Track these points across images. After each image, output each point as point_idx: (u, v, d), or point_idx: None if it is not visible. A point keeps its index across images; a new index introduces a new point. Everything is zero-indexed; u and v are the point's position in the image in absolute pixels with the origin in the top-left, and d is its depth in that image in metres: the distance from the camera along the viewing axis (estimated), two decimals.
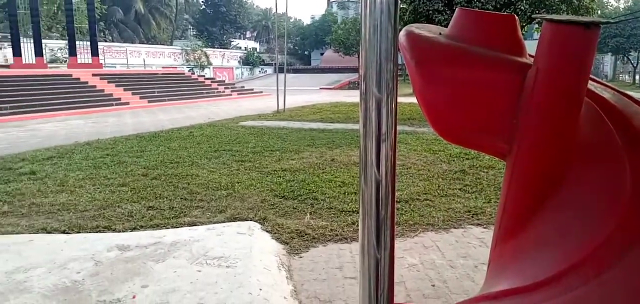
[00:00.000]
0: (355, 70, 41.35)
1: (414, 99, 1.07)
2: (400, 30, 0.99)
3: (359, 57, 0.91)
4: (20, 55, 22.29)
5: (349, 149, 8.54)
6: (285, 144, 9.21)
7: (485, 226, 4.53)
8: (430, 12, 17.12)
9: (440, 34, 0.96)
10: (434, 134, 8.77)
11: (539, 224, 0.83)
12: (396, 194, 0.95)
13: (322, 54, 56.85)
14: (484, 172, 6.56)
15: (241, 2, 62.51)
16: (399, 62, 0.96)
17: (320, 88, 35.38)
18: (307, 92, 29.90)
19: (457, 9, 0.98)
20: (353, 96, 24.24)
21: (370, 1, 0.90)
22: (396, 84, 0.94)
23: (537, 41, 0.84)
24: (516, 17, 0.94)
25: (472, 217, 4.77)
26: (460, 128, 0.94)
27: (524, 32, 18.70)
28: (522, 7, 16.88)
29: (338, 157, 7.79)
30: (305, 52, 62.09)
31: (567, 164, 0.82)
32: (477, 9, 0.98)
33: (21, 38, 22.37)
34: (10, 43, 23.23)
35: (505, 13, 0.98)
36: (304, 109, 17.40)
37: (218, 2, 57.65)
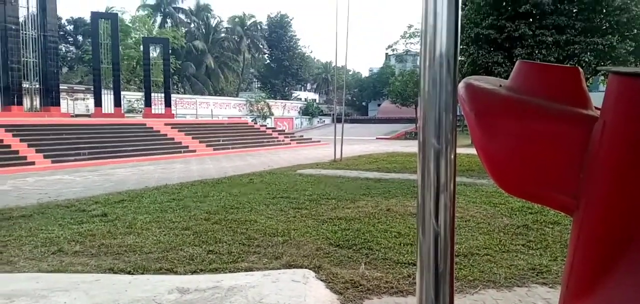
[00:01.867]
0: (411, 120, 41.07)
1: (472, 150, 1.06)
2: (459, 82, 1.00)
3: (416, 108, 0.93)
4: (101, 106, 24.22)
5: (405, 200, 8.40)
6: (341, 193, 9.21)
7: (551, 285, 4.24)
8: (490, 64, 16.87)
9: (500, 86, 0.96)
10: (494, 187, 8.44)
11: (610, 287, 0.78)
12: (455, 247, 0.93)
13: (379, 104, 57.16)
14: (549, 227, 6.20)
15: (303, 56, 64.68)
16: (458, 113, 0.97)
17: (377, 138, 35.36)
18: (364, 142, 29.97)
19: (517, 61, 0.98)
20: (409, 146, 24.00)
21: (429, 55, 0.92)
22: (455, 135, 0.94)
23: (603, 93, 0.82)
24: (580, 70, 0.92)
25: (537, 275, 4.48)
26: (523, 182, 0.91)
27: (589, 84, 17.92)
28: (587, 59, 16.24)
29: (394, 207, 7.67)
30: (363, 103, 62.71)
31: (638, 222, 0.77)
32: (538, 62, 0.97)
33: (103, 90, 24.38)
34: (92, 94, 25.36)
35: (568, 65, 0.96)
36: (360, 159, 17.42)
37: (282, 57, 60.01)
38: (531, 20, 16.80)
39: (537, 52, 16.47)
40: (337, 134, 17.43)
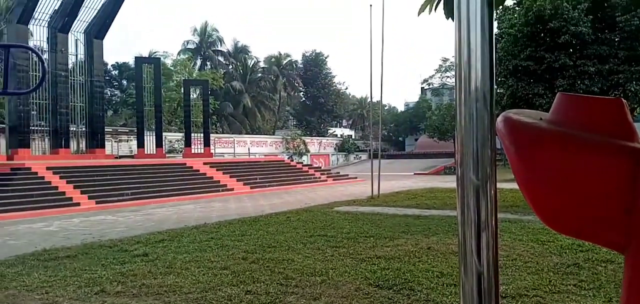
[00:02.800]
0: (450, 155, 40.38)
1: (516, 185, 1.02)
2: (497, 116, 0.97)
3: (454, 142, 0.90)
4: (143, 147, 25.09)
5: (447, 238, 8.17)
6: (380, 231, 9.07)
7: None
8: (531, 96, 16.50)
9: (541, 119, 0.93)
10: (541, 223, 8.11)
11: None
12: (500, 288, 0.88)
13: (416, 139, 56.62)
14: (601, 266, 5.86)
15: (338, 92, 65.28)
16: (497, 146, 0.94)
17: (415, 173, 34.88)
18: (402, 177, 29.63)
19: (558, 93, 0.94)
20: (449, 182, 23.51)
21: (464, 89, 0.90)
22: (495, 170, 0.91)
23: None
24: (624, 101, 0.87)
25: None
26: (568, 218, 0.87)
27: (635, 116, 17.18)
28: (633, 88, 15.65)
29: (435, 246, 7.47)
30: (400, 138, 62.30)
31: None
32: (580, 93, 0.94)
33: (145, 131, 25.31)
34: (136, 136, 26.37)
35: (612, 96, 0.92)
36: (398, 195, 17.18)
37: (317, 94, 60.79)
38: (571, 50, 16.42)
39: (579, 82, 16.01)
40: (373, 170, 17.33)
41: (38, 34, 21.75)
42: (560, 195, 0.85)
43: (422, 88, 59.36)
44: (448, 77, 39.65)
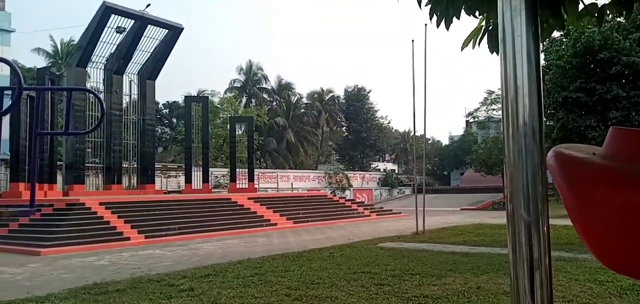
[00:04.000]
0: (498, 189, 39.01)
1: (570, 221, 0.97)
2: (547, 150, 0.94)
3: (503, 177, 0.89)
4: (191, 182, 25.83)
5: (498, 277, 7.83)
6: (426, 268, 8.82)
7: None
8: (582, 128, 15.88)
9: (593, 153, 0.89)
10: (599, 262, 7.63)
11: None
12: None
13: (462, 173, 55.26)
14: None
15: (381, 127, 65.11)
16: (549, 181, 0.91)
17: (461, 208, 33.92)
18: (447, 213, 28.86)
19: (611, 127, 0.91)
20: (498, 217, 22.67)
21: (512, 123, 0.88)
22: (546, 206, 0.88)
23: None
24: None
25: None
26: (626, 257, 0.82)
27: None
28: None
29: (485, 285, 7.18)
30: (444, 172, 61.01)
31: None
32: (635, 128, 0.90)
33: (193, 167, 26.11)
34: (184, 172, 27.24)
35: None
36: (444, 231, 16.72)
37: (359, 129, 60.86)
38: (624, 81, 15.75)
39: (634, 114, 15.28)
40: (418, 205, 17.00)
41: (95, 76, 23.19)
42: (617, 233, 0.81)
43: (466, 121, 58.33)
44: (494, 109, 38.72)
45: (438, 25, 2.34)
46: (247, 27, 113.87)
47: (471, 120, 53.38)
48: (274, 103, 54.97)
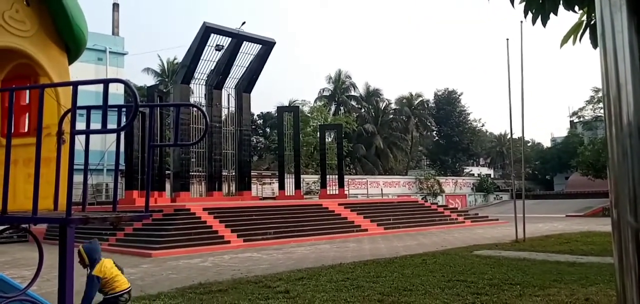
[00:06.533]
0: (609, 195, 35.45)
1: None
2: None
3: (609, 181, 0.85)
4: (284, 189, 26.77)
5: (609, 288, 7.15)
6: (527, 278, 8.30)
7: None
8: None
9: None
10: None
11: None
12: None
13: (566, 177, 51.05)
14: None
15: (474, 130, 62.46)
16: None
17: (567, 215, 31.35)
18: (551, 219, 26.85)
19: None
20: (609, 225, 20.55)
21: (615, 123, 0.85)
22: None
23: None
24: None
25: None
26: None
27: None
28: None
29: (594, 297, 6.59)
30: (547, 177, 56.78)
31: None
32: None
33: (285, 174, 27.06)
34: (277, 179, 28.33)
35: None
36: (547, 239, 15.59)
37: (450, 133, 58.93)
38: None
39: None
40: (517, 211, 16.04)
41: (197, 91, 24.98)
42: None
43: (571, 122, 53.94)
44: (601, 108, 35.27)
45: (534, 22, 2.24)
46: (336, 37, 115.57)
47: (576, 120, 49.24)
48: (363, 110, 55.07)
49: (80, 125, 2.39)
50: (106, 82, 2.43)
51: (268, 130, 52.25)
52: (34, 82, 3.05)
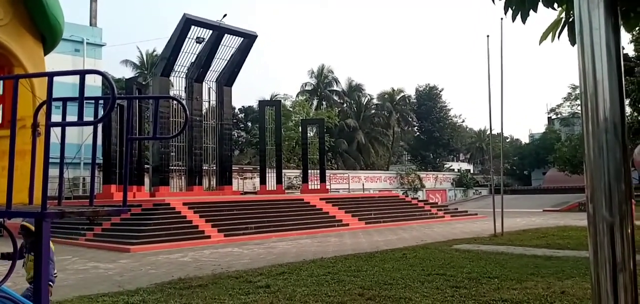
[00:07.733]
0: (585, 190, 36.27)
1: None
2: (633, 147, 0.90)
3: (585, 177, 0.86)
4: (265, 183, 26.66)
5: (584, 281, 7.34)
6: (505, 272, 8.45)
7: None
8: None
9: None
10: None
11: None
12: None
13: (544, 173, 52.10)
14: None
15: (454, 126, 63.20)
16: (635, 178, 0.87)
17: (544, 210, 32.00)
18: (528, 214, 27.37)
19: None
20: (585, 219, 21.02)
21: (592, 119, 0.86)
22: (631, 206, 0.85)
23: None
24: None
25: None
26: None
27: None
28: None
29: (570, 290, 6.75)
30: (524, 172, 57.85)
31: None
32: None
33: (267, 169, 26.96)
34: (258, 173, 28.22)
35: None
36: (525, 233, 15.89)
37: (431, 128, 59.51)
38: None
39: None
40: (496, 206, 16.29)
41: (177, 84, 24.66)
42: None
43: (549, 118, 54.97)
44: (579, 105, 35.99)
45: (513, 19, 2.26)
46: (318, 32, 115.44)
47: (554, 117, 50.19)
48: (345, 105, 55.21)
49: (56, 117, 2.33)
50: (83, 73, 2.37)
51: (249, 124, 51.97)
52: (8, 72, 2.96)
